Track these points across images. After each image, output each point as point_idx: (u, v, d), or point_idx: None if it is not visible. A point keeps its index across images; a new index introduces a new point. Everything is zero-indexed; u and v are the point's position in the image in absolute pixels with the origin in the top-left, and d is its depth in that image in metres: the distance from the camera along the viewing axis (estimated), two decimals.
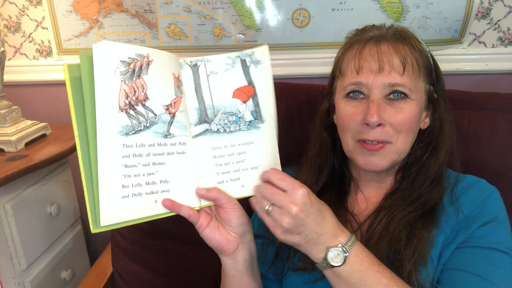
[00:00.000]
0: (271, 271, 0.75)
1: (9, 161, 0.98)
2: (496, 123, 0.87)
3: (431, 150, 0.69)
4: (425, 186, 0.67)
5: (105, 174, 0.52)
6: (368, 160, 0.65)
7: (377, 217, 0.67)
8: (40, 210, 1.06)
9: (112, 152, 0.53)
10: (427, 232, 0.62)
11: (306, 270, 0.67)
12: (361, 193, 0.74)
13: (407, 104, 0.64)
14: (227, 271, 0.64)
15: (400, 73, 0.63)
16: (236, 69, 0.63)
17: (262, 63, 0.64)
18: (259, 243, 0.77)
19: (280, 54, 1.19)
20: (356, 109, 0.65)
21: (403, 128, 0.64)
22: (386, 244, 0.62)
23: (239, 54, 0.63)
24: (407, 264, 0.60)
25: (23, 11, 1.20)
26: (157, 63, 0.57)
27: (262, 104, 0.65)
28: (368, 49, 0.65)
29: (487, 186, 0.69)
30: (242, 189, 0.63)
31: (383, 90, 0.64)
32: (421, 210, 0.64)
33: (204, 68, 0.62)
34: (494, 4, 1.12)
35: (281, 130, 0.96)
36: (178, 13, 1.16)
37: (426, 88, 0.68)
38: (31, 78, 1.25)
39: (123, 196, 0.54)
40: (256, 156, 0.64)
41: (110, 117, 0.53)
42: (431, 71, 0.69)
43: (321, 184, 0.74)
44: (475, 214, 0.64)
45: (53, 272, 1.11)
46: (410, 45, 0.66)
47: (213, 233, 0.61)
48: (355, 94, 0.66)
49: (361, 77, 0.64)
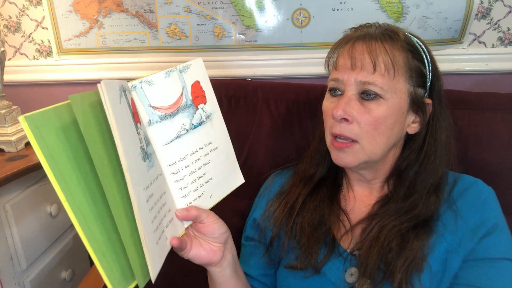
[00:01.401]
0: (261, 272, 0.76)
1: (9, 161, 0.98)
2: (496, 123, 0.87)
3: (423, 158, 0.68)
4: (420, 197, 0.66)
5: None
6: (338, 155, 0.67)
7: (369, 224, 0.67)
8: (40, 210, 1.06)
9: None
10: (420, 243, 0.62)
11: (298, 268, 0.68)
12: (352, 191, 0.75)
13: (378, 105, 0.63)
14: (216, 279, 0.64)
15: (371, 72, 0.63)
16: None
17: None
18: (251, 245, 0.79)
19: (280, 54, 1.19)
20: (333, 104, 0.67)
21: (369, 129, 0.64)
22: (377, 254, 0.62)
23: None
24: (398, 274, 0.59)
25: (23, 11, 1.20)
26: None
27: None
28: (347, 47, 0.67)
29: (484, 187, 0.69)
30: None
31: (356, 87, 0.64)
32: (414, 221, 0.64)
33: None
34: (494, 4, 1.12)
35: (282, 130, 0.97)
36: (178, 13, 1.16)
37: (410, 90, 0.65)
38: (31, 78, 1.25)
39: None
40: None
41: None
42: (422, 74, 0.67)
43: (318, 177, 0.75)
44: (477, 221, 0.64)
45: (53, 272, 1.11)
46: (397, 45, 0.65)
47: (199, 252, 0.60)
48: (334, 91, 0.68)
49: (338, 73, 0.66)
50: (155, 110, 0.57)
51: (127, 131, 0.46)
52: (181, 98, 0.60)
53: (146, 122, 0.56)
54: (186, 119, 0.60)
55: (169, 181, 0.58)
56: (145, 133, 0.54)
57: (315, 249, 0.67)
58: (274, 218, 0.74)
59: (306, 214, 0.71)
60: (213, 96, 0.64)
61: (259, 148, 0.96)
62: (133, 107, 0.52)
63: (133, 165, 0.45)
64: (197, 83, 0.62)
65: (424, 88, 0.68)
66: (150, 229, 0.47)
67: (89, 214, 0.44)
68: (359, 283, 0.63)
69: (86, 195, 0.44)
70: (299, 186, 0.75)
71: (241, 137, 0.97)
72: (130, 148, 0.45)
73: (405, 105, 0.66)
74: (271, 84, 1.01)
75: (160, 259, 0.51)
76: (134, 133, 0.48)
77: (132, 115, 0.50)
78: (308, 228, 0.69)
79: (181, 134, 0.59)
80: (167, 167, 0.58)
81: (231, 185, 0.67)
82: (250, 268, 0.77)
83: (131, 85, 0.55)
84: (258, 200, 0.84)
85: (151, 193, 0.50)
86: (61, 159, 0.42)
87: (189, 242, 0.60)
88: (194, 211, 0.59)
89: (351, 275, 0.65)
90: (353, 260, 0.66)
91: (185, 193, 0.60)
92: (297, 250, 0.70)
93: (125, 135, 0.44)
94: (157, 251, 0.49)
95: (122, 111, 0.46)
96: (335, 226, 0.70)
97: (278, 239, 0.74)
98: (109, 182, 0.44)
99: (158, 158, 0.57)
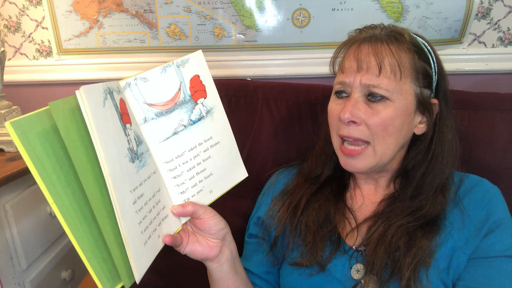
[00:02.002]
0: (264, 269, 0.76)
1: (9, 161, 0.98)
2: (496, 123, 0.87)
3: (431, 159, 0.68)
4: (427, 197, 0.66)
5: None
6: (347, 161, 0.67)
7: (375, 223, 0.67)
8: (40, 210, 1.06)
9: (127, 202, 0.46)
10: (428, 241, 0.62)
11: (304, 266, 0.68)
12: (359, 190, 0.75)
13: (385, 106, 0.63)
14: (213, 274, 0.65)
15: (376, 74, 0.63)
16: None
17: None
18: (254, 242, 0.79)
19: (280, 54, 1.19)
20: (339, 106, 0.67)
21: (378, 130, 0.64)
22: (384, 252, 0.62)
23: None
24: (406, 272, 0.60)
25: (23, 11, 1.20)
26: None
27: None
28: (353, 49, 0.67)
29: (490, 186, 0.69)
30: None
31: (362, 89, 0.64)
32: (421, 220, 0.64)
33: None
34: (494, 4, 1.12)
35: (282, 130, 0.97)
36: (178, 13, 1.16)
37: (416, 91, 0.65)
38: (31, 78, 1.25)
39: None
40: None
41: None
42: (428, 75, 0.67)
43: (324, 177, 0.76)
44: (482, 218, 0.64)
45: (53, 272, 1.11)
46: (403, 47, 0.65)
47: (195, 248, 0.61)
48: (340, 94, 0.68)
49: (345, 76, 0.66)
50: (151, 107, 0.56)
51: (111, 134, 0.45)
52: (179, 94, 0.59)
53: (142, 119, 0.55)
54: (184, 115, 0.59)
55: (165, 178, 0.58)
56: (136, 133, 0.53)
57: (321, 246, 0.67)
58: (278, 217, 0.75)
59: (311, 213, 0.71)
60: (214, 90, 0.63)
61: (259, 148, 0.96)
62: (123, 107, 0.51)
63: (117, 168, 0.45)
64: (196, 77, 0.61)
65: (430, 89, 0.68)
66: (136, 231, 0.48)
67: (77, 215, 0.44)
68: (366, 280, 0.63)
69: (74, 197, 0.44)
70: (304, 186, 0.75)
71: (241, 137, 0.97)
72: (114, 152, 0.45)
73: (412, 106, 0.65)
74: (271, 84, 1.01)
75: (148, 259, 0.51)
76: (120, 136, 0.48)
77: (120, 116, 0.49)
78: (314, 226, 0.69)
79: (179, 131, 0.59)
80: (164, 164, 0.57)
81: (234, 180, 0.67)
82: (253, 265, 0.77)
83: (125, 83, 0.54)
84: (262, 198, 0.84)
85: (140, 193, 0.50)
86: (48, 163, 0.43)
87: (185, 238, 0.60)
88: (190, 207, 0.59)
89: (357, 272, 0.65)
90: (359, 257, 0.66)
91: (182, 189, 0.59)
92: (302, 247, 0.70)
93: (108, 139, 0.44)
94: (145, 251, 0.50)
95: (106, 115, 0.45)
96: (340, 224, 0.71)
97: (282, 238, 0.74)
98: (91, 186, 0.44)
99: (153, 156, 0.56)
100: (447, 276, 0.63)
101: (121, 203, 0.45)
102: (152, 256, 0.52)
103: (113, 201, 0.44)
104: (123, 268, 0.47)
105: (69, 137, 0.43)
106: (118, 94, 0.51)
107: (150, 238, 0.51)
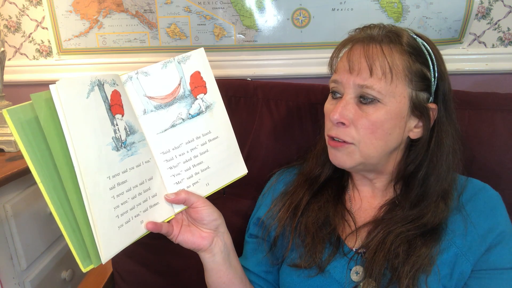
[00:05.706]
0: (263, 268, 0.77)
1: (9, 161, 0.98)
2: (496, 123, 0.87)
3: (429, 164, 0.67)
4: (428, 205, 0.65)
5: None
6: (333, 154, 0.68)
7: (374, 228, 0.67)
8: (40, 210, 1.06)
9: (102, 187, 0.50)
10: (427, 249, 0.62)
11: (302, 267, 0.68)
12: (357, 191, 0.75)
13: (376, 109, 0.62)
14: (206, 264, 0.66)
15: (368, 76, 0.62)
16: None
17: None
18: (254, 242, 0.79)
19: (280, 54, 1.19)
20: (332, 106, 0.67)
21: (366, 132, 0.63)
22: (383, 258, 0.62)
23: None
24: (405, 280, 0.60)
25: (23, 11, 1.20)
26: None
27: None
28: (347, 49, 0.67)
29: (492, 193, 0.69)
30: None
31: (354, 90, 0.64)
32: (422, 229, 0.64)
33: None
34: (494, 4, 1.12)
35: (282, 130, 0.97)
36: (178, 13, 1.16)
37: (411, 94, 0.63)
38: (31, 78, 1.25)
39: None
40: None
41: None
42: (425, 78, 0.64)
43: (324, 177, 0.76)
44: (487, 227, 0.65)
45: (53, 272, 1.11)
46: (397, 48, 0.63)
47: (187, 237, 0.63)
48: (335, 94, 0.68)
49: (337, 76, 0.67)
50: (150, 100, 0.59)
51: (91, 123, 0.49)
52: (178, 88, 0.62)
53: (141, 111, 0.58)
54: (183, 109, 0.62)
55: (161, 167, 0.60)
56: (129, 123, 0.55)
57: (320, 248, 0.67)
58: (278, 218, 0.75)
59: (310, 214, 0.71)
60: (214, 86, 0.65)
61: (259, 148, 0.96)
62: (115, 99, 0.53)
63: (92, 155, 0.49)
64: (197, 74, 0.63)
65: (428, 92, 0.65)
66: (109, 215, 0.51)
67: (60, 197, 0.49)
68: (365, 283, 0.63)
69: (59, 181, 0.49)
70: (304, 187, 0.75)
71: (241, 137, 0.96)
72: (91, 140, 0.49)
73: (405, 110, 0.64)
74: (271, 84, 1.01)
75: (122, 242, 0.53)
76: (105, 125, 0.51)
77: (109, 107, 0.52)
78: (313, 228, 0.69)
79: (177, 124, 0.61)
80: (160, 155, 0.60)
81: (232, 175, 0.68)
82: (252, 264, 0.77)
83: (126, 76, 0.57)
84: (262, 199, 0.84)
85: (122, 180, 0.53)
86: (37, 147, 0.48)
87: (177, 227, 0.62)
88: (183, 194, 0.60)
89: (357, 274, 0.65)
90: (358, 259, 0.66)
91: (178, 179, 0.61)
92: (301, 248, 0.70)
93: (86, 128, 0.48)
94: (119, 234, 0.52)
95: (89, 105, 0.49)
96: (340, 226, 0.70)
97: (282, 238, 0.74)
98: (64, 171, 0.48)
99: (150, 146, 0.59)
100: (450, 282, 0.62)
101: (91, 188, 0.49)
102: (129, 239, 0.54)
103: (81, 185, 0.48)
104: (91, 248, 0.50)
105: (47, 125, 0.48)
106: (112, 86, 0.54)
107: (129, 222, 0.54)
